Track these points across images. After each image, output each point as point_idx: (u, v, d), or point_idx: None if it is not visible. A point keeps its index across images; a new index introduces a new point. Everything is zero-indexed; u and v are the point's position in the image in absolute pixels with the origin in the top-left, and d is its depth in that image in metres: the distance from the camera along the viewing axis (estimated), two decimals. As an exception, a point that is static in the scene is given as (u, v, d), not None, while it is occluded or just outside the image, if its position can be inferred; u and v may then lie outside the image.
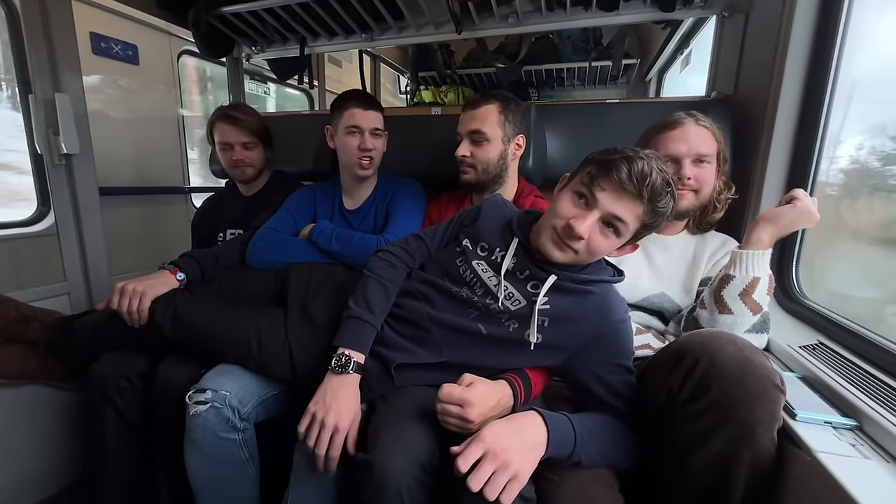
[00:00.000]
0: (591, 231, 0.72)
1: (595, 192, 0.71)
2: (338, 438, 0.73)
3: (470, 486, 0.59)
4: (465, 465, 0.60)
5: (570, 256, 0.75)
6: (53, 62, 1.16)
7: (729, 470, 0.62)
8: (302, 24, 1.54)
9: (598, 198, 0.71)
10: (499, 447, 0.61)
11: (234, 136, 1.35)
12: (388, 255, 0.91)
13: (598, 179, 0.71)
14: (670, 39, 2.14)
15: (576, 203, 0.74)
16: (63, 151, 1.18)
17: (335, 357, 0.78)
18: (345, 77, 3.01)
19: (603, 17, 1.38)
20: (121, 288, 0.93)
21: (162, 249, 1.82)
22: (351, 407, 0.76)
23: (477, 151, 1.12)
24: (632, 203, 0.70)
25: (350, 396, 0.76)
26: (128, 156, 1.79)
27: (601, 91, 3.15)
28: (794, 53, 1.02)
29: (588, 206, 0.73)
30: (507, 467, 0.60)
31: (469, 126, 1.12)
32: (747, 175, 1.14)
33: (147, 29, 1.81)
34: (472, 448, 0.61)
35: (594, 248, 0.74)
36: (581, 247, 0.73)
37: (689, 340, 0.68)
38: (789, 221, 0.82)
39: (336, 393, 0.76)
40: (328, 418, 0.73)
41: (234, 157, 1.36)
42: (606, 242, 0.74)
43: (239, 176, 1.41)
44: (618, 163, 0.69)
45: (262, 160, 1.42)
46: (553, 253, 0.76)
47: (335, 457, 0.73)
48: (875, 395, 0.68)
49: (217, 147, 1.38)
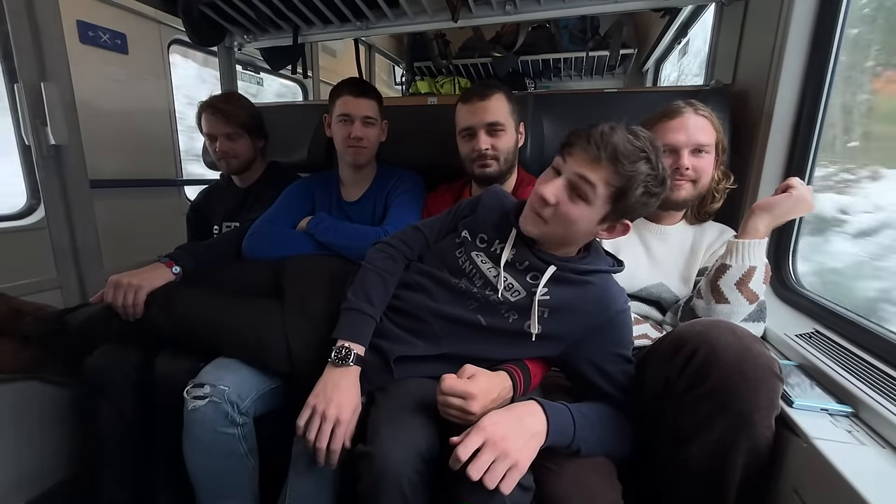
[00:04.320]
0: (558, 196, 0.72)
1: (565, 158, 0.73)
2: (339, 431, 0.73)
3: (470, 475, 0.59)
4: (464, 454, 0.60)
5: (542, 227, 0.75)
6: (39, 50, 1.13)
7: (727, 457, 0.63)
8: (295, 11, 1.51)
9: (567, 163, 0.72)
10: (498, 436, 0.61)
11: (217, 127, 1.32)
12: (386, 246, 0.91)
13: (566, 148, 0.73)
14: (668, 28, 2.12)
15: (549, 176, 0.75)
16: (51, 142, 1.15)
17: (335, 349, 0.78)
18: (340, 67, 2.96)
19: (601, 4, 1.36)
20: (115, 281, 0.91)
21: (156, 242, 1.80)
22: (352, 399, 0.75)
23: (497, 143, 1.12)
24: (595, 164, 0.69)
25: (351, 388, 0.76)
26: (118, 148, 1.76)
27: (598, 81, 3.14)
28: (793, 42, 1.02)
29: (558, 174, 0.74)
30: (507, 456, 0.61)
31: (485, 118, 1.10)
32: (745, 164, 1.14)
33: (136, 17, 1.77)
34: (471, 437, 0.61)
35: (564, 214, 0.72)
36: (549, 214, 0.73)
37: (688, 329, 0.69)
38: (785, 210, 0.82)
39: (337, 385, 0.75)
40: (329, 410, 0.73)
41: (217, 148, 1.33)
42: (576, 209, 0.72)
43: (224, 168, 1.39)
44: (586, 130, 0.71)
45: (248, 151, 1.38)
46: (526, 227, 0.77)
47: (337, 449, 0.73)
48: (870, 382, 0.69)
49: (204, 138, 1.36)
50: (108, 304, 0.92)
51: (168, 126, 1.96)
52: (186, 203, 2.03)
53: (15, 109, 1.21)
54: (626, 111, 1.25)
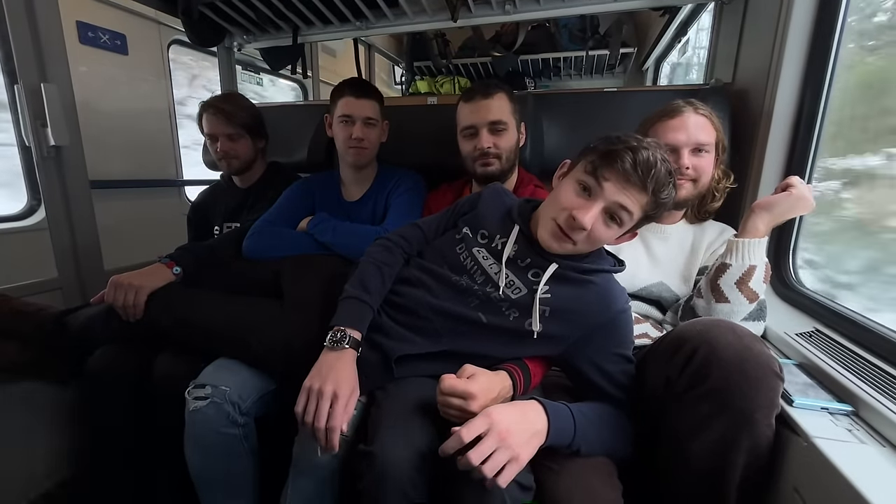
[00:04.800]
0: (595, 222, 0.72)
1: (600, 181, 0.71)
2: (338, 406, 0.69)
3: (469, 459, 0.58)
4: (468, 436, 0.59)
5: (569, 248, 0.75)
6: (39, 51, 1.13)
7: (728, 456, 0.63)
8: (294, 11, 1.51)
9: (604, 188, 0.71)
10: (503, 426, 0.61)
11: (218, 128, 1.32)
12: (384, 240, 0.91)
13: (602, 169, 0.71)
14: (668, 27, 2.12)
15: (579, 193, 0.73)
16: (52, 143, 1.15)
17: (330, 333, 0.76)
18: (339, 67, 2.96)
19: (600, 3, 1.36)
20: (116, 282, 0.91)
21: (156, 243, 1.81)
22: (349, 377, 0.73)
23: (499, 141, 1.12)
24: (637, 193, 0.70)
25: (347, 367, 0.73)
26: (118, 149, 1.76)
27: (598, 81, 3.13)
28: (793, 40, 1.02)
29: (592, 196, 0.72)
30: (509, 447, 0.60)
31: (487, 117, 1.11)
32: (745, 163, 1.14)
33: (136, 18, 1.77)
34: (476, 421, 0.61)
35: (596, 238, 0.73)
36: (582, 238, 0.73)
37: (689, 328, 0.69)
38: (785, 209, 0.82)
39: (332, 365, 0.73)
40: (325, 387, 0.69)
41: (218, 148, 1.33)
42: (608, 232, 0.74)
43: (225, 168, 1.39)
44: (622, 153, 0.69)
45: (249, 152, 1.38)
46: (551, 245, 0.75)
47: (336, 427, 0.69)
48: (870, 381, 0.69)
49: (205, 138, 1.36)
50: (109, 304, 0.92)
51: (168, 126, 1.97)
52: (187, 203, 2.03)
53: (15, 110, 1.22)
54: (626, 110, 1.26)
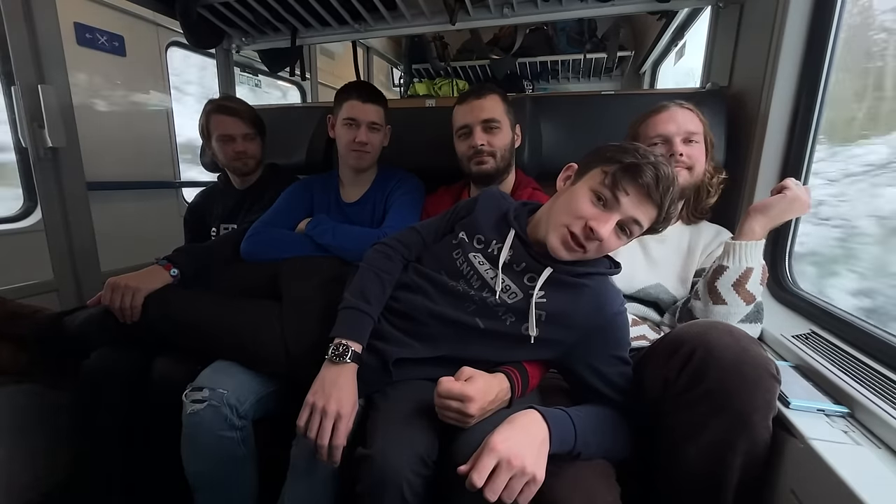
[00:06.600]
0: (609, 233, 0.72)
1: (618, 195, 0.71)
2: (340, 426, 0.71)
3: (487, 498, 0.58)
4: (479, 480, 0.58)
5: (579, 256, 0.76)
6: (36, 52, 1.13)
7: (724, 457, 0.63)
8: (293, 13, 1.51)
9: (621, 201, 0.71)
10: (512, 454, 0.59)
11: (235, 128, 1.32)
12: (383, 247, 0.91)
13: (622, 183, 0.71)
14: (665, 31, 2.13)
15: (594, 203, 0.73)
16: (48, 145, 1.15)
17: (332, 346, 0.77)
18: (338, 69, 2.97)
19: (598, 7, 1.37)
20: (113, 284, 0.91)
21: (153, 245, 1.80)
22: (351, 395, 0.75)
23: (493, 139, 1.13)
24: (651, 209, 0.72)
25: (349, 384, 0.75)
26: (115, 150, 1.76)
27: (595, 84, 3.15)
28: (788, 44, 1.02)
29: (607, 207, 0.72)
30: (524, 473, 0.59)
31: (480, 116, 1.13)
32: (742, 166, 1.14)
33: (134, 19, 1.77)
34: (483, 460, 0.59)
35: (606, 248, 0.74)
36: (594, 247, 0.74)
37: (686, 330, 0.69)
38: (781, 211, 0.83)
39: (335, 381, 0.74)
40: (329, 406, 0.72)
41: (236, 148, 1.33)
42: (618, 243, 0.75)
43: (241, 168, 1.38)
44: (644, 168, 0.69)
45: (259, 151, 1.40)
46: (560, 252, 0.75)
47: (339, 445, 0.71)
48: (866, 383, 0.69)
49: (216, 140, 1.34)
50: (106, 306, 0.91)
51: (166, 128, 1.96)
52: (184, 205, 2.03)
53: (12, 112, 1.21)
54: (623, 113, 1.26)
